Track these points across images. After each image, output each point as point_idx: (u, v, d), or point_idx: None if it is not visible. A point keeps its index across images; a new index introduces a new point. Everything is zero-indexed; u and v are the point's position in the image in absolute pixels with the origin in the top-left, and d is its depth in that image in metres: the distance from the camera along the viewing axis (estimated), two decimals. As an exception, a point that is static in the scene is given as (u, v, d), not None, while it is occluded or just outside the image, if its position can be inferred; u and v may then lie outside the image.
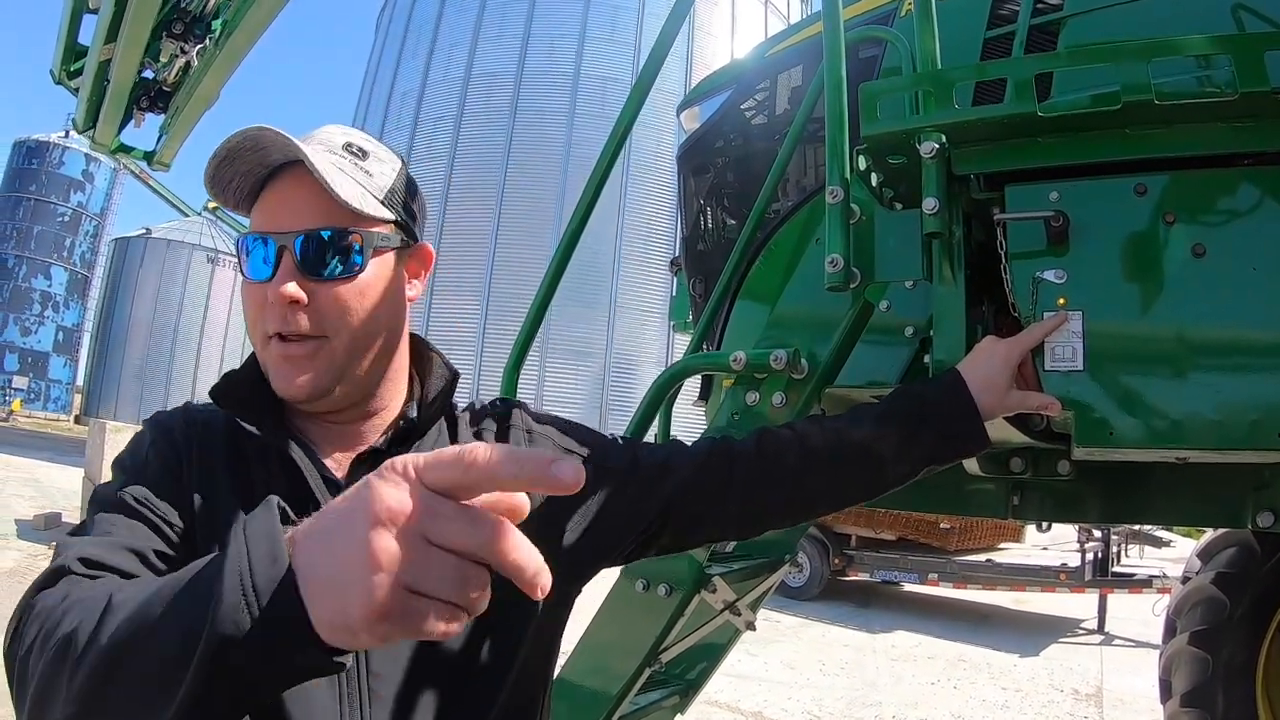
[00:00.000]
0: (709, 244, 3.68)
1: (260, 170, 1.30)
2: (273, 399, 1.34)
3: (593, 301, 22.83)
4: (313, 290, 1.26)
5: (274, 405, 1.34)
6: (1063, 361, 1.74)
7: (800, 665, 10.11)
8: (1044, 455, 2.39)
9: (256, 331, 1.31)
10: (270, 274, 1.27)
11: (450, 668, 1.26)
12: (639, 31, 25.22)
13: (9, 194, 48.81)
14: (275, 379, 1.29)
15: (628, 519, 1.49)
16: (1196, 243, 1.71)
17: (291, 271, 1.26)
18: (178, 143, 11.40)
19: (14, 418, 43.28)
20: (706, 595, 2.53)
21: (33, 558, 11.77)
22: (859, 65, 2.68)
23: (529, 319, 2.51)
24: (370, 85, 29.59)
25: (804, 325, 2.27)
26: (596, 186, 2.46)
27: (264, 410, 1.32)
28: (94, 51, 9.32)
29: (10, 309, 48.00)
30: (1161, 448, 1.76)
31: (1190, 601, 4.84)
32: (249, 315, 1.32)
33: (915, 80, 1.92)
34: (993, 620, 13.88)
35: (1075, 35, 2.28)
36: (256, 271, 1.29)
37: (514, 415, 1.51)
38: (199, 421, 1.33)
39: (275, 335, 1.27)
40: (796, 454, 1.59)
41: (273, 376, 1.30)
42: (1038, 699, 9.33)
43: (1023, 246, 1.83)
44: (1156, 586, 12.08)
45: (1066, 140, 1.81)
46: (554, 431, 1.52)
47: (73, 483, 16.50)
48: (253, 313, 1.31)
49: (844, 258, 1.89)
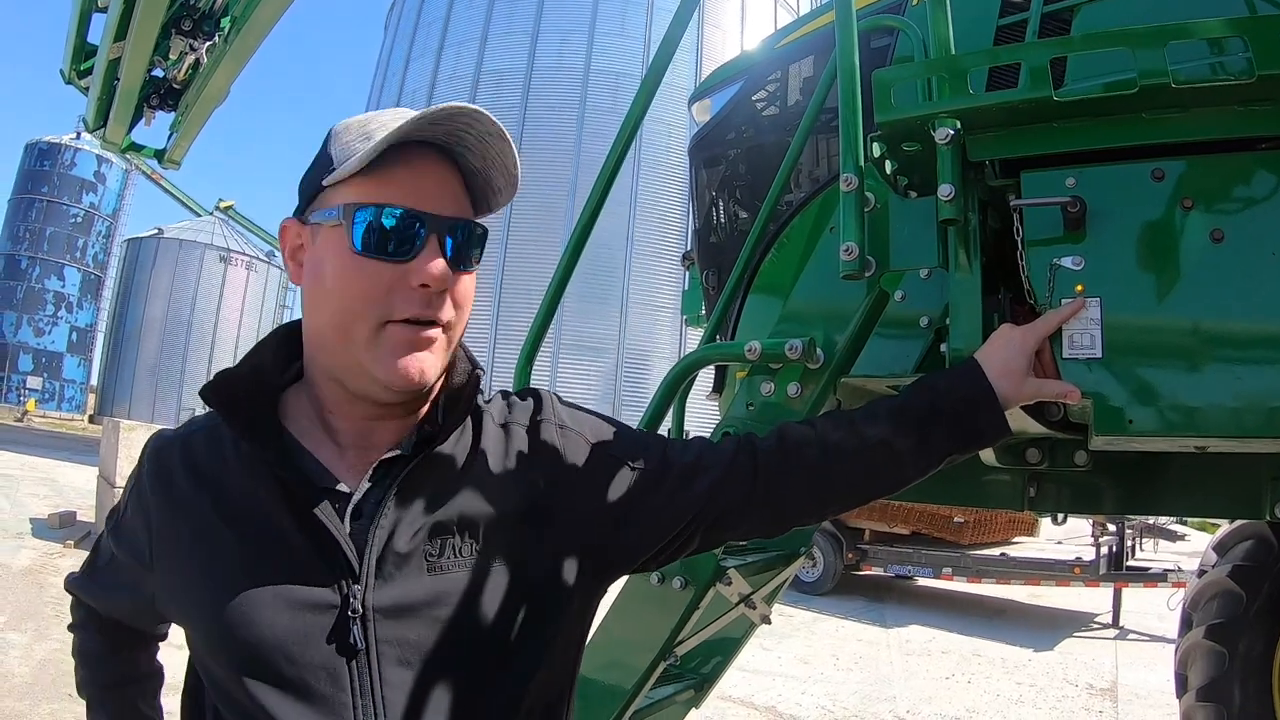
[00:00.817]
0: (722, 236, 3.67)
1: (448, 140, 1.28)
2: (271, 400, 1.32)
3: (605, 296, 22.89)
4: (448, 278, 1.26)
5: (272, 407, 1.32)
6: (1081, 349, 1.72)
7: (814, 660, 10.10)
8: (1061, 446, 2.37)
9: (369, 316, 1.22)
10: (411, 255, 1.23)
11: (468, 660, 1.25)
12: (649, 25, 25.25)
13: (21, 196, 49.13)
14: (393, 366, 1.22)
15: (662, 522, 1.47)
16: (1215, 228, 1.69)
17: (438, 256, 1.23)
18: (188, 140, 11.46)
19: (29, 418, 43.57)
20: (722, 588, 2.52)
21: (48, 556, 11.84)
22: (871, 55, 2.67)
23: (541, 314, 2.51)
24: (380, 83, 29.69)
25: (819, 316, 2.26)
26: (607, 181, 2.45)
27: (258, 415, 1.28)
28: (103, 50, 9.37)
29: (24, 310, 48.29)
30: (1180, 437, 1.73)
31: (1206, 595, 4.82)
32: (362, 293, 1.22)
33: (929, 66, 1.90)
34: (1007, 615, 13.85)
35: (1088, 22, 2.27)
36: (388, 250, 1.22)
37: (545, 409, 1.47)
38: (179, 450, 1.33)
39: (403, 320, 1.23)
40: (818, 452, 1.57)
41: (389, 362, 1.22)
42: (1052, 694, 9.30)
43: (1039, 233, 1.81)
44: (1171, 580, 12.03)
45: (1082, 125, 1.79)
46: (587, 430, 1.48)
47: (88, 482, 16.58)
48: (375, 292, 1.22)
49: (859, 246, 1.88)
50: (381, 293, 1.22)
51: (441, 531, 1.26)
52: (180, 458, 1.31)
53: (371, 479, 1.27)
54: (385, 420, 1.32)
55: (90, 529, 13.61)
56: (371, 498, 1.26)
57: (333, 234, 1.24)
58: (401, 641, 1.21)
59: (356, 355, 1.24)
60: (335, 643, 1.18)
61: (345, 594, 1.19)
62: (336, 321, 1.24)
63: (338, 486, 1.26)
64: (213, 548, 1.23)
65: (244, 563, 1.21)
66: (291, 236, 1.32)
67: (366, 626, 1.19)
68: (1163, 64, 1.64)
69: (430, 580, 1.24)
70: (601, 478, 1.43)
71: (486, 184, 1.35)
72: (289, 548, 1.21)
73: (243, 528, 1.23)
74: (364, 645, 1.19)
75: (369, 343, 1.22)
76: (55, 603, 9.50)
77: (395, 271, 1.22)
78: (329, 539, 1.21)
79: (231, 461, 1.28)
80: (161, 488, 1.30)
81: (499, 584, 1.28)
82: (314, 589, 1.20)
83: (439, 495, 1.29)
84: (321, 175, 1.27)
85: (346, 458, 1.30)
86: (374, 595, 1.20)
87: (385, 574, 1.22)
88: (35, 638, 8.23)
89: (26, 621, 8.70)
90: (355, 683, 1.18)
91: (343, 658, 1.18)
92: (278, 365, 1.37)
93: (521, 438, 1.42)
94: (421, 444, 1.30)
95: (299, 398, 1.35)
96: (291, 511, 1.22)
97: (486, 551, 1.28)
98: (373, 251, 1.21)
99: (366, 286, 1.22)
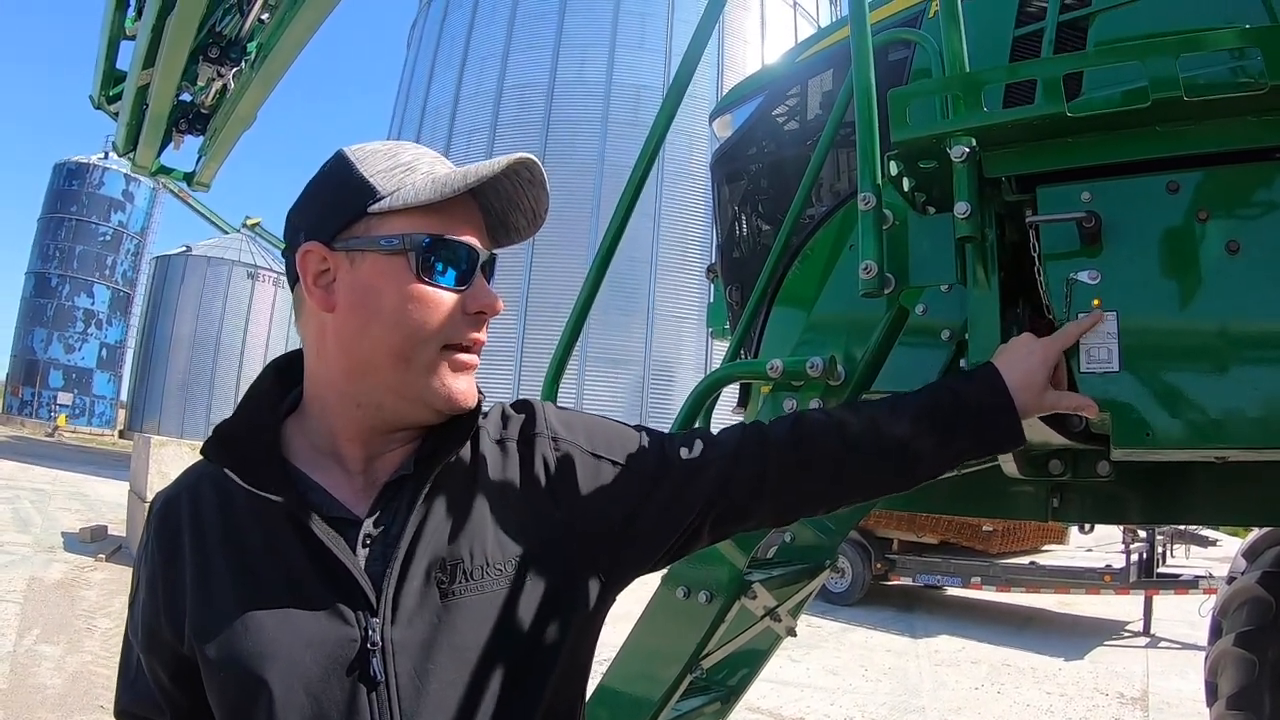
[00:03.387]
0: (744, 250, 3.68)
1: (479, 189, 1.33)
2: (273, 440, 1.33)
3: (630, 309, 22.88)
4: None
5: (274, 447, 1.32)
6: (1098, 363, 1.73)
7: (842, 671, 10.08)
8: (1083, 456, 2.38)
9: (435, 340, 1.28)
10: (469, 284, 1.31)
11: (484, 684, 1.26)
12: (669, 38, 25.28)
13: (51, 215, 49.49)
14: (453, 389, 1.30)
15: (667, 521, 1.47)
16: (1230, 239, 1.69)
17: (487, 286, 1.35)
18: (217, 163, 11.56)
19: (60, 433, 43.93)
20: (747, 601, 2.53)
21: (80, 570, 11.97)
22: (888, 68, 2.68)
23: (568, 328, 2.51)
24: (404, 101, 29.84)
25: (841, 330, 2.28)
26: (632, 195, 2.45)
27: (262, 460, 1.28)
28: (132, 77, 9.49)
29: (54, 327, 48.64)
30: (1201, 447, 1.74)
31: (1236, 602, 4.78)
32: (428, 319, 1.28)
33: (944, 84, 1.91)
34: (1036, 624, 13.76)
35: (1104, 30, 2.27)
36: (452, 279, 1.30)
37: (538, 422, 1.47)
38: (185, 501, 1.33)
39: (460, 345, 1.31)
40: (834, 444, 1.58)
41: (450, 385, 1.30)
42: (1082, 703, 9.24)
43: (1056, 248, 1.83)
44: (1202, 587, 11.94)
45: (1097, 140, 1.80)
46: (582, 438, 1.48)
47: (118, 496, 16.73)
48: (439, 319, 1.29)
49: (878, 264, 1.90)
50: (445, 319, 1.28)
51: (452, 557, 1.28)
52: (188, 509, 1.32)
53: (379, 502, 1.30)
54: (401, 446, 1.35)
55: (122, 542, 13.75)
56: (382, 521, 1.28)
57: (389, 262, 1.27)
58: (420, 672, 1.22)
59: (414, 379, 1.28)
60: (355, 676, 1.20)
61: (364, 627, 1.21)
62: (397, 348, 1.27)
63: (347, 514, 1.28)
64: (232, 592, 1.23)
65: (261, 603, 1.22)
66: (315, 262, 1.29)
67: (386, 659, 1.20)
68: (1175, 75, 1.65)
69: (444, 608, 1.25)
70: (601, 485, 1.44)
71: (500, 223, 1.43)
72: (305, 586, 1.23)
73: (258, 568, 1.24)
74: (384, 678, 1.20)
75: (429, 367, 1.28)
76: (87, 616, 9.61)
77: (457, 300, 1.29)
78: (345, 575, 1.22)
79: (240, 503, 1.28)
80: (172, 543, 1.30)
81: (512, 606, 1.29)
82: (334, 625, 1.21)
83: (446, 520, 1.30)
84: (358, 201, 1.28)
85: (354, 483, 1.32)
86: (392, 628, 1.22)
87: (402, 605, 1.23)
88: (67, 650, 8.31)
89: (59, 634, 8.79)
90: (375, 715, 1.19)
91: (363, 691, 1.19)
92: (274, 403, 1.38)
93: (517, 454, 1.43)
94: (423, 464, 1.32)
95: (299, 429, 1.36)
96: (305, 548, 1.23)
97: (497, 574, 1.30)
98: (441, 280, 1.28)
99: (434, 313, 1.28)
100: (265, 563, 1.25)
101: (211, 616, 1.23)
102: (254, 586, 1.23)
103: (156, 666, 1.31)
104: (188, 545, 1.29)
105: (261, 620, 1.21)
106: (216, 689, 1.23)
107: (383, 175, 1.28)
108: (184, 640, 1.25)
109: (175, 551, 1.29)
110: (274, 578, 1.23)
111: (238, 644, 1.20)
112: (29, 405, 47.68)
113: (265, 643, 1.19)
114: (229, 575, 1.25)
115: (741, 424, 1.64)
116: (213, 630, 1.22)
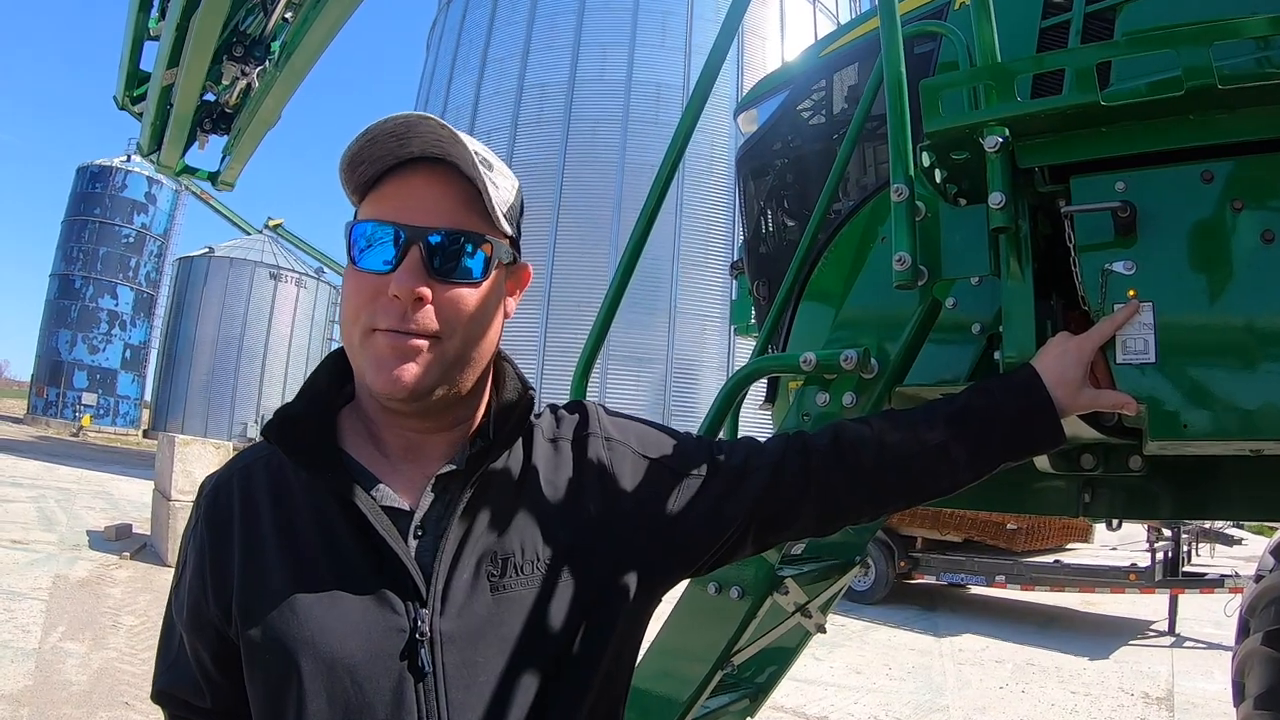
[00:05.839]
0: (771, 246, 3.68)
1: (391, 160, 1.28)
2: (329, 426, 1.34)
3: (652, 307, 22.86)
4: (434, 288, 1.25)
5: (330, 433, 1.34)
6: (1135, 354, 1.71)
7: (866, 669, 10.05)
8: (1115, 451, 2.36)
9: (359, 323, 1.25)
10: (392, 267, 1.23)
11: (531, 678, 1.26)
12: (689, 35, 25.27)
13: (74, 218, 49.95)
14: (378, 372, 1.24)
15: (714, 526, 1.48)
16: (1266, 228, 1.68)
17: (418, 267, 1.23)
18: (241, 163, 11.64)
19: (84, 433, 44.31)
20: (778, 598, 2.53)
21: (104, 568, 12.06)
22: (915, 61, 2.67)
23: (596, 327, 2.51)
24: (424, 101, 29.89)
25: (872, 324, 2.27)
26: (659, 196, 2.45)
27: (317, 444, 1.29)
28: (156, 77, 9.56)
29: (79, 328, 49.08)
30: (1237, 440, 1.72)
31: (1264, 600, 4.74)
32: (353, 305, 1.27)
33: (975, 74, 1.90)
34: (1061, 622, 13.69)
35: (1132, 20, 2.25)
36: (373, 262, 1.25)
37: (591, 423, 1.48)
38: (237, 484, 1.33)
39: (385, 329, 1.24)
40: (874, 452, 1.58)
41: (374, 370, 1.24)
42: (1107, 703, 9.19)
43: (1090, 239, 1.81)
44: (1229, 586, 11.87)
45: (1130, 129, 1.78)
46: (633, 440, 1.49)
47: (142, 494, 16.86)
48: (358, 302, 1.26)
49: (911, 255, 1.89)
50: (366, 303, 1.25)
51: (503, 551, 1.28)
52: (240, 491, 1.32)
53: (430, 494, 1.29)
54: (431, 434, 1.34)
55: (146, 541, 13.84)
56: (433, 514, 1.28)
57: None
58: (468, 664, 1.22)
59: (355, 364, 1.29)
60: (403, 667, 1.20)
61: (413, 618, 1.21)
62: (343, 331, 1.30)
63: (399, 504, 1.28)
64: (281, 574, 1.24)
65: (310, 587, 1.22)
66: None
67: (434, 650, 1.20)
68: (1208, 63, 1.63)
69: (494, 601, 1.26)
70: (651, 487, 1.45)
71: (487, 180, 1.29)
72: (355, 573, 1.23)
73: (309, 552, 1.25)
74: (431, 669, 1.20)
75: (360, 351, 1.27)
76: (112, 613, 9.68)
77: (379, 283, 1.24)
78: (396, 563, 1.22)
79: (294, 487, 1.30)
80: (222, 525, 1.31)
81: (561, 601, 1.30)
82: (383, 613, 1.21)
83: (498, 514, 1.31)
84: (354, 195, 1.34)
85: (401, 472, 1.32)
86: (441, 620, 1.22)
87: (451, 598, 1.23)
88: (92, 647, 8.37)
89: (84, 631, 8.85)
90: (422, 706, 1.19)
91: (410, 681, 1.19)
92: (332, 390, 1.39)
93: (570, 453, 1.44)
94: (475, 459, 1.32)
95: (353, 417, 1.37)
96: (357, 534, 1.24)
97: (546, 569, 1.30)
98: (361, 265, 1.26)
99: (355, 298, 1.27)
100: (316, 547, 1.25)
101: (259, 598, 1.23)
102: (303, 570, 1.24)
103: (200, 647, 1.31)
104: (238, 527, 1.29)
105: (309, 604, 1.21)
106: (259, 671, 1.24)
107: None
108: (230, 620, 1.26)
109: (225, 533, 1.30)
110: (324, 563, 1.24)
111: (283, 626, 1.21)
112: (54, 406, 48.19)
113: (312, 627, 1.20)
114: (278, 558, 1.25)
115: (785, 434, 1.64)
116: (259, 611, 1.23)
